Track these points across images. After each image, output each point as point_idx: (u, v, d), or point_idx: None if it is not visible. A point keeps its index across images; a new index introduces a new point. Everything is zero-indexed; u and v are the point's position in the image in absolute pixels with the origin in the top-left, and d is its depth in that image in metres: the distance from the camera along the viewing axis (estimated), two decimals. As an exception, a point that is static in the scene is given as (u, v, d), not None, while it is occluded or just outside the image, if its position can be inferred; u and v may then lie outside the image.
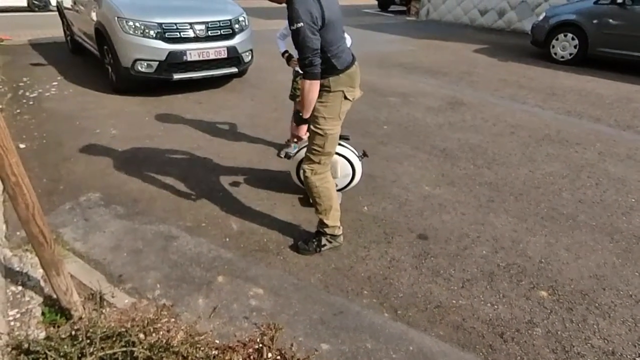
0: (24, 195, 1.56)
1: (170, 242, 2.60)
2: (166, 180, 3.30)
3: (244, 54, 5.64)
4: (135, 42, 4.94)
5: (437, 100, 5.48)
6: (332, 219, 2.50)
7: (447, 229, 2.80)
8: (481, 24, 12.22)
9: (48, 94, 5.34)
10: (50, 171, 3.41)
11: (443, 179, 3.46)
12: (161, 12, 5.15)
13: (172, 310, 2.04)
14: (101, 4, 5.28)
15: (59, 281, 1.81)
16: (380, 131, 4.40)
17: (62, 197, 3.05)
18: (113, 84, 5.47)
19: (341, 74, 2.26)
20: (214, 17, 5.38)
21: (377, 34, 10.77)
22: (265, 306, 2.12)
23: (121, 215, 2.86)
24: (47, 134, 4.12)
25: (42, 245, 1.70)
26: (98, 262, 2.40)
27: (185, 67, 5.22)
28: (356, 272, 2.39)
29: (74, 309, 1.90)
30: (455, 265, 2.46)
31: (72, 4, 6.49)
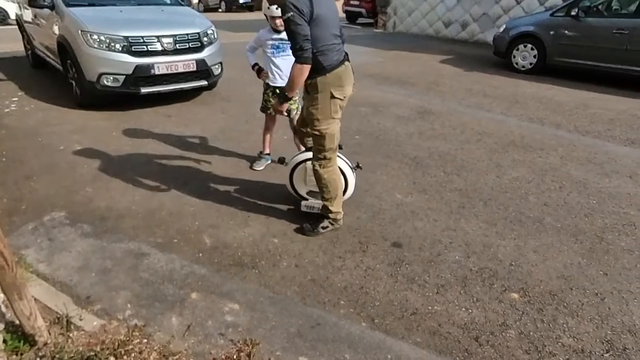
0: (-17, 217, 1.48)
1: (140, 259, 2.52)
2: (135, 197, 3.22)
3: (213, 67, 5.61)
4: (101, 55, 4.83)
5: (407, 110, 5.59)
6: (336, 206, 2.76)
7: (420, 236, 2.84)
8: (446, 35, 12.61)
9: (7, 110, 5.13)
10: (11, 190, 3.26)
11: (415, 186, 3.52)
12: (127, 25, 5.07)
13: (144, 330, 1.97)
14: (64, 17, 5.15)
15: (21, 305, 1.72)
16: (352, 141, 4.44)
17: (24, 217, 2.92)
18: (77, 98, 5.32)
19: (328, 73, 2.40)
20: (182, 30, 5.34)
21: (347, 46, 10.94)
22: (241, 321, 2.08)
23: (88, 234, 2.76)
24: (7, 152, 3.95)
25: (2, 269, 1.61)
26: (64, 283, 2.30)
27: (153, 81, 5.14)
28: (332, 282, 2.39)
29: (38, 334, 1.81)
30: (429, 271, 2.49)
31: (32, 17, 6.30)
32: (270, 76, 3.45)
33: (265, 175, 3.66)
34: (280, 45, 3.33)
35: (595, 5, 7.19)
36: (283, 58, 3.34)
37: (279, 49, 3.34)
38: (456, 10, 12.17)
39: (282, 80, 3.44)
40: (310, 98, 2.49)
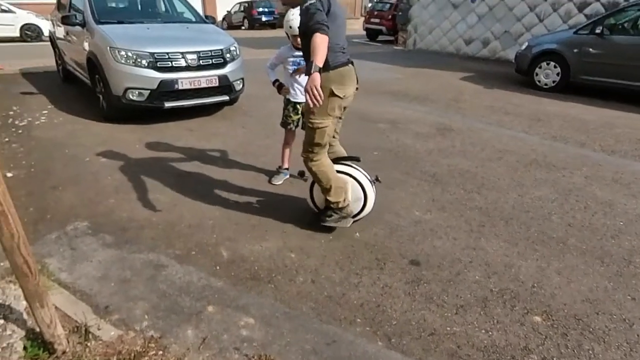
0: (9, 225, 1.53)
1: (159, 271, 2.55)
2: (156, 208, 3.27)
3: (235, 83, 5.72)
4: (127, 71, 4.99)
5: (426, 127, 5.57)
6: (334, 196, 2.79)
7: (439, 254, 2.80)
8: (466, 53, 12.59)
9: (38, 122, 5.33)
10: (37, 200, 3.36)
11: (434, 204, 3.47)
12: (153, 42, 5.23)
13: (160, 342, 1.98)
14: (94, 34, 5.35)
15: (42, 313, 1.76)
16: (371, 157, 4.43)
17: (48, 226, 2.99)
18: (104, 112, 5.49)
19: (331, 70, 2.50)
20: (206, 46, 5.48)
21: (366, 62, 11.02)
22: (256, 336, 2.07)
23: (109, 244, 2.81)
24: (36, 163, 4.08)
25: (26, 276, 1.65)
26: (84, 292, 2.34)
27: (176, 96, 5.27)
28: (349, 299, 2.36)
29: (57, 342, 1.83)
30: (448, 291, 2.44)
31: (64, 34, 6.57)
32: (291, 92, 3.50)
33: (284, 189, 3.68)
34: (301, 62, 3.38)
35: (621, 23, 7.09)
36: (304, 75, 3.38)
37: (300, 66, 3.39)
38: (477, 28, 12.17)
39: (302, 95, 3.48)
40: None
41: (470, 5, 12.20)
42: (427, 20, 13.58)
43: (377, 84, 8.26)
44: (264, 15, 22.92)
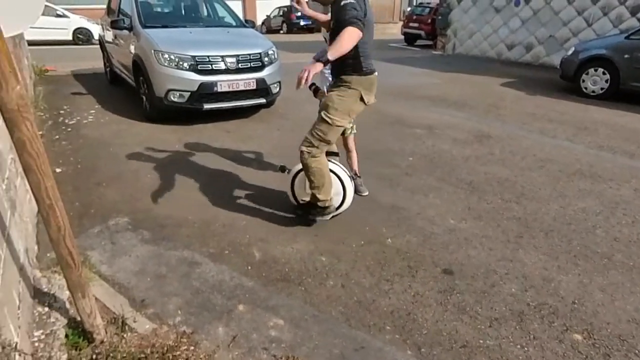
0: (57, 218, 1.61)
1: (193, 268, 2.61)
2: (192, 207, 3.36)
3: (272, 86, 5.81)
4: (169, 73, 5.17)
5: (464, 133, 5.44)
6: (324, 194, 2.82)
7: (473, 264, 2.72)
8: (508, 58, 12.23)
9: (86, 122, 5.60)
10: (82, 195, 3.53)
11: (469, 212, 3.39)
12: (195, 46, 5.39)
13: (191, 337, 2.03)
14: (139, 37, 5.58)
15: (83, 304, 1.84)
16: (405, 162, 4.38)
17: (92, 221, 3.13)
18: (146, 112, 5.70)
19: (364, 75, 2.57)
20: (245, 50, 5.59)
21: (404, 67, 10.92)
22: (285, 337, 2.08)
23: (147, 240, 2.91)
24: (82, 160, 4.29)
25: (70, 267, 1.74)
26: (122, 285, 2.43)
27: (215, 98, 5.40)
28: (379, 305, 2.33)
29: (96, 332, 1.91)
30: (482, 302, 2.37)
31: (112, 37, 6.89)
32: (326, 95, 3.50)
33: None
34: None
35: (678, 28, 6.68)
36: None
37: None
38: (520, 32, 11.81)
39: None
40: (339, 89, 2.61)
41: (514, 9, 11.86)
42: (468, 24, 13.30)
43: (415, 89, 8.16)
44: (302, 19, 23.15)
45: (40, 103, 6.13)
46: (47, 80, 8.04)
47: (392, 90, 7.69)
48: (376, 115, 5.92)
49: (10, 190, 2.26)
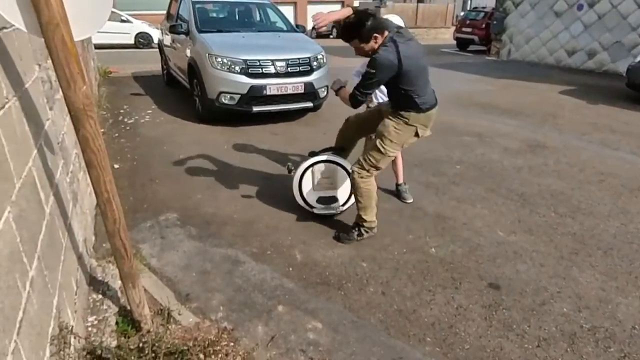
0: (113, 211, 1.71)
1: (236, 266, 2.68)
2: (237, 207, 3.45)
3: (319, 90, 5.85)
4: (222, 76, 5.34)
5: (516, 142, 5.21)
6: (369, 215, 2.89)
7: (522, 279, 2.59)
8: (568, 64, 11.61)
9: (143, 121, 5.90)
10: (137, 190, 3.72)
11: (520, 225, 3.24)
12: (246, 50, 5.55)
13: (232, 334, 2.07)
14: (195, 41, 5.82)
15: (133, 294, 1.93)
16: (453, 170, 4.26)
17: (144, 215, 3.29)
18: (198, 113, 5.93)
19: (422, 113, 2.64)
20: (295, 54, 5.68)
21: (455, 73, 10.64)
22: (322, 341, 2.08)
23: (194, 236, 3.02)
24: (138, 157, 4.52)
25: (123, 259, 1.83)
26: (169, 279, 2.54)
27: (264, 101, 5.52)
28: (419, 316, 2.28)
29: (143, 321, 2.01)
30: (530, 320, 2.25)
31: (170, 41, 7.22)
32: (373, 100, 3.50)
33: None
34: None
35: None
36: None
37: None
38: (582, 37, 11.18)
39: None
40: (397, 122, 2.66)
41: (576, 14, 11.25)
42: (525, 29, 12.76)
43: (466, 95, 7.93)
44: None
45: (103, 103, 6.54)
46: (110, 81, 8.56)
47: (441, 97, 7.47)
48: (424, 122, 5.80)
49: (73, 183, 2.42)
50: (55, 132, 2.15)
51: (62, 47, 1.36)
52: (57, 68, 1.40)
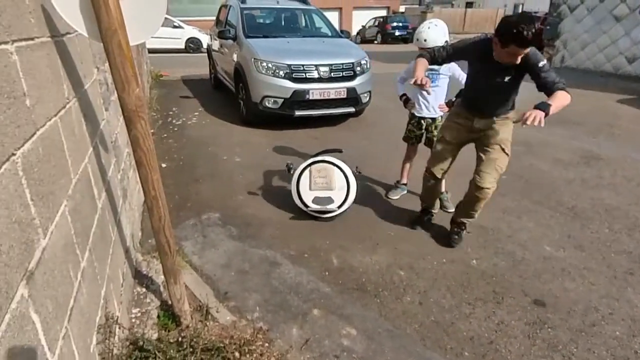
0: (159, 209, 1.78)
1: (273, 268, 2.71)
2: (277, 209, 3.49)
3: (362, 95, 5.85)
4: (266, 80, 5.45)
5: (568, 153, 4.96)
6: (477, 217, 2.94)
7: (570, 298, 2.46)
8: (628, 72, 10.92)
9: (190, 123, 6.12)
10: (182, 189, 3.86)
11: (569, 240, 3.07)
12: (291, 55, 5.63)
13: (267, 334, 2.10)
14: (242, 46, 5.98)
15: (175, 289, 2.00)
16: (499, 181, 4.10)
17: (188, 214, 3.41)
18: (243, 116, 6.08)
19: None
20: (338, 59, 5.71)
21: (503, 79, 10.28)
22: (357, 348, 2.06)
23: (234, 236, 3.08)
24: (185, 157, 4.69)
25: (166, 255, 1.90)
26: (209, 277, 2.60)
27: (306, 105, 5.58)
28: (457, 329, 2.21)
29: (183, 317, 2.07)
30: (578, 342, 2.13)
31: (219, 46, 7.46)
32: (416, 107, 3.44)
33: (400, 204, 3.62)
34: (430, 76, 3.30)
35: None
36: (432, 89, 3.30)
37: (430, 80, 3.31)
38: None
39: (428, 111, 3.40)
40: (506, 125, 2.77)
41: (638, 18, 10.58)
42: (581, 34, 12.15)
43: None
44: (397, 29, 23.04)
45: (154, 104, 6.85)
46: (161, 84, 8.95)
47: (488, 104, 7.28)
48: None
49: (124, 180, 2.55)
50: (109, 131, 2.27)
51: (118, 51, 1.44)
52: (113, 71, 1.49)
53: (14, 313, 0.91)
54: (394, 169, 4.21)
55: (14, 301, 0.92)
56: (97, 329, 1.50)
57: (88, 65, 1.95)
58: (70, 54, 1.63)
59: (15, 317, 0.91)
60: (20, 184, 1.03)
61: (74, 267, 1.33)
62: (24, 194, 1.04)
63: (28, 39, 1.21)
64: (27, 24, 1.22)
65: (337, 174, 3.22)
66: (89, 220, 1.59)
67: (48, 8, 1.42)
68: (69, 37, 1.64)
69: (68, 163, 1.41)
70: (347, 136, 5.59)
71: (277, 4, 7.32)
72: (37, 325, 1.01)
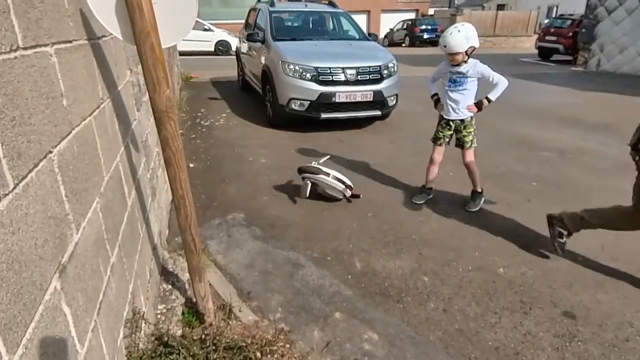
0: (186, 207, 1.82)
1: (296, 269, 2.72)
2: (301, 211, 3.51)
3: (388, 98, 5.81)
4: (293, 83, 5.49)
5: (604, 161, 4.78)
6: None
7: (602, 311, 2.36)
8: (670, 77, 10.45)
9: (217, 124, 6.23)
10: (208, 189, 3.92)
11: (603, 251, 2.95)
12: (318, 57, 5.66)
13: (288, 336, 2.11)
14: (270, 49, 6.04)
15: (199, 287, 2.04)
16: (529, 187, 4.00)
17: (214, 213, 3.46)
18: (269, 118, 6.14)
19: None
20: (365, 62, 5.69)
21: (536, 84, 10.02)
22: (378, 353, 2.05)
23: (258, 236, 3.11)
24: (212, 158, 4.78)
25: (192, 253, 1.94)
26: (233, 276, 2.64)
27: (332, 108, 5.59)
28: (482, 338, 2.16)
29: (207, 314, 2.10)
30: (610, 357, 2.04)
31: (247, 49, 7.57)
32: (444, 109, 3.40)
33: (424, 209, 3.57)
34: (457, 79, 3.25)
35: None
36: (459, 92, 3.27)
37: (456, 83, 3.27)
38: (689, 47, 10.01)
39: (455, 114, 3.35)
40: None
41: (682, 20, 10.11)
42: (619, 37, 11.71)
43: (546, 108, 7.43)
44: (426, 32, 22.81)
45: (183, 105, 7.00)
46: (191, 86, 9.15)
47: (519, 109, 7.12)
48: (500, 135, 5.53)
49: (153, 179, 2.61)
50: (140, 131, 2.34)
51: (151, 53, 1.48)
52: (145, 73, 1.53)
53: (47, 305, 0.95)
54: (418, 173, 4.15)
55: (47, 293, 0.96)
56: (124, 323, 1.54)
57: (122, 67, 2.02)
58: (105, 56, 1.69)
59: (48, 308, 0.95)
60: (56, 180, 1.07)
61: (104, 262, 1.37)
62: (59, 190, 1.09)
63: (66, 41, 1.26)
64: (66, 27, 1.27)
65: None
66: (119, 217, 1.64)
67: (85, 12, 1.48)
68: (104, 40, 1.70)
69: (101, 161, 1.46)
70: (372, 139, 5.57)
71: (305, 7, 7.37)
72: (68, 318, 1.05)
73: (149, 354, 1.69)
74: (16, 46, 0.93)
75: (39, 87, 1.03)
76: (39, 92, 1.02)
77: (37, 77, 1.02)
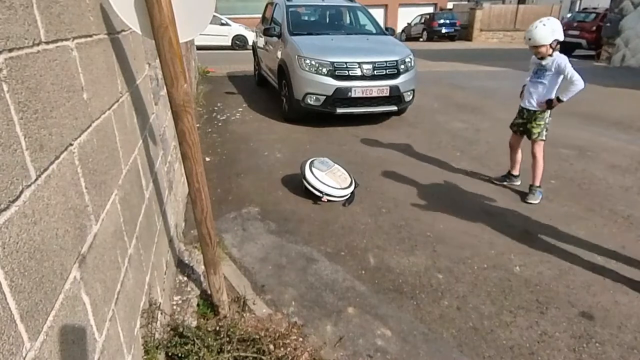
0: (202, 201, 1.84)
1: (310, 264, 2.73)
2: (315, 205, 3.51)
3: (405, 94, 5.75)
4: (309, 77, 5.48)
5: (625, 158, 4.66)
6: None
7: (621, 312, 2.31)
8: (698, 73, 10.10)
9: (234, 118, 6.27)
10: (224, 183, 3.96)
11: (623, 251, 2.89)
12: (334, 52, 5.63)
13: (301, 329, 2.12)
14: (286, 44, 6.04)
15: (214, 279, 2.06)
16: (547, 185, 3.92)
17: (229, 207, 3.49)
18: (284, 113, 6.15)
19: None
20: (382, 57, 5.64)
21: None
22: (391, 349, 2.04)
23: (273, 230, 3.13)
24: (227, 152, 4.81)
25: (207, 246, 1.96)
26: (247, 269, 2.66)
27: (348, 103, 5.56)
28: (497, 337, 2.14)
29: (221, 307, 2.13)
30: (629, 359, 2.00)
31: (264, 43, 7.58)
32: (524, 95, 3.56)
33: (438, 204, 3.53)
34: (539, 72, 3.42)
35: None
36: (538, 84, 3.42)
37: (537, 75, 3.45)
38: None
39: (529, 103, 3.50)
40: None
41: None
42: (645, 32, 11.35)
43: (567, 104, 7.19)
44: (444, 27, 22.49)
45: (200, 100, 7.06)
46: (208, 80, 9.22)
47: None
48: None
49: (170, 172, 2.65)
50: (158, 125, 2.37)
51: (169, 47, 1.49)
52: (163, 67, 1.55)
53: (67, 294, 0.97)
54: (434, 169, 4.12)
55: (67, 282, 0.98)
56: (141, 313, 1.57)
57: (140, 62, 2.04)
58: (125, 51, 1.72)
59: (68, 297, 0.97)
60: (76, 172, 1.09)
61: (121, 253, 1.40)
62: (79, 182, 1.11)
63: (87, 35, 1.28)
64: (87, 22, 1.29)
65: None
66: (137, 209, 1.67)
67: (105, 7, 1.50)
68: (123, 34, 1.72)
69: (119, 154, 1.48)
70: (388, 134, 5.53)
71: (322, 2, 7.34)
72: (87, 307, 1.08)
73: (164, 343, 1.72)
74: (39, 40, 0.95)
75: (61, 80, 1.05)
76: (60, 85, 1.05)
77: (58, 71, 1.04)
